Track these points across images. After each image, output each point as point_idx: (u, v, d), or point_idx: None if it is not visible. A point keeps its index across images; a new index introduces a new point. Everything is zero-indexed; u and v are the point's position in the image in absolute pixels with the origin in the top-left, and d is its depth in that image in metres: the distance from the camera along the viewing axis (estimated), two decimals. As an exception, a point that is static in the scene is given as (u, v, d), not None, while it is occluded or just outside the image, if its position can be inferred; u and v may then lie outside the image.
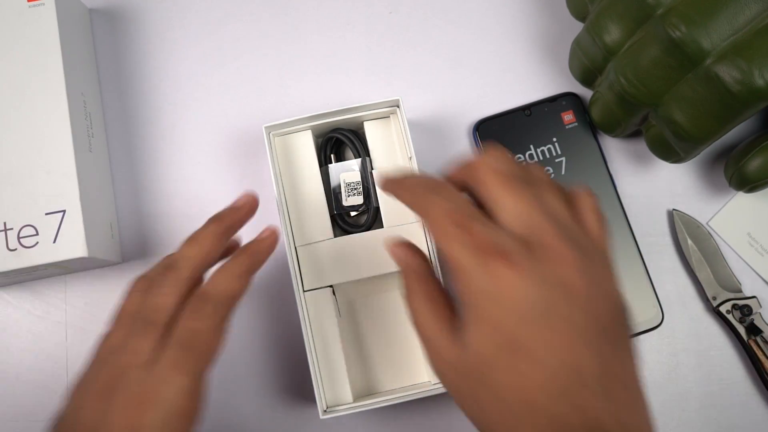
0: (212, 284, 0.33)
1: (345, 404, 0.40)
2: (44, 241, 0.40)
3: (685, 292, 0.46)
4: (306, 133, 0.44)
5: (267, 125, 0.42)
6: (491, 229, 0.28)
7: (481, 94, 0.48)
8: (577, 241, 0.28)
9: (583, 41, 0.43)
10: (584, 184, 0.33)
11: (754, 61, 0.35)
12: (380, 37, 0.49)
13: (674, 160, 0.43)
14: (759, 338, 0.43)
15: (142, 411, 0.30)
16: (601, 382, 0.26)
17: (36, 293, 0.46)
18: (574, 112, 0.47)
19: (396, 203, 0.32)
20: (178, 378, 0.30)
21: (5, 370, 0.45)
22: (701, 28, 0.36)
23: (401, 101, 0.42)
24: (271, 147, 0.43)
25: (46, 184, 0.40)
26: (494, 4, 0.49)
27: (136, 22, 0.49)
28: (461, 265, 0.28)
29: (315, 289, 0.41)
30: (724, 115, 0.37)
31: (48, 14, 0.42)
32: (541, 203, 0.29)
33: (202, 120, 0.48)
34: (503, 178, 0.29)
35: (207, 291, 0.33)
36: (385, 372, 0.43)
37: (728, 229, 0.46)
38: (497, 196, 0.29)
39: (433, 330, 0.30)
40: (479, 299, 0.27)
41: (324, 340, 0.41)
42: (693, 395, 0.44)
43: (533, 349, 0.26)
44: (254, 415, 0.44)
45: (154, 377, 0.30)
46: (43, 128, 0.41)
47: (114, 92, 0.48)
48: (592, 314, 0.27)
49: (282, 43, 0.49)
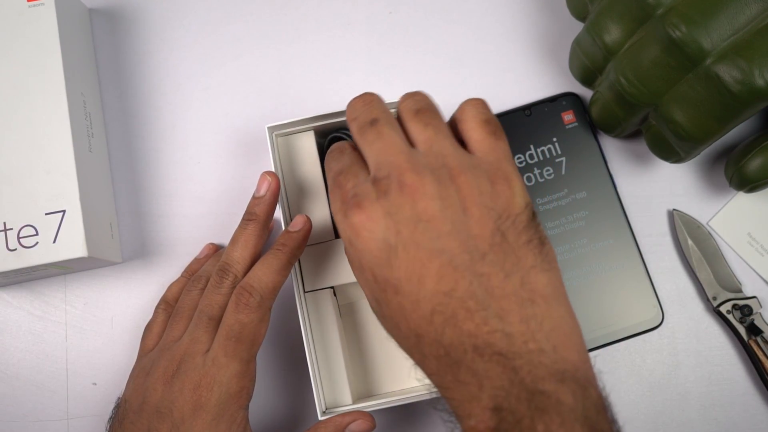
0: (256, 279, 0.36)
1: (344, 406, 0.40)
2: (44, 241, 0.40)
3: (685, 292, 0.46)
4: (308, 133, 0.44)
5: (270, 125, 0.42)
6: (358, 182, 0.29)
7: (481, 94, 0.48)
8: (435, 170, 0.28)
9: (583, 41, 0.43)
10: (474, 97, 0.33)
11: (754, 61, 0.35)
12: (380, 36, 0.49)
13: (674, 160, 0.43)
14: (759, 338, 0.43)
15: (203, 392, 0.34)
16: (487, 303, 0.26)
17: (35, 293, 0.46)
18: (574, 112, 0.47)
19: None
20: (231, 364, 0.35)
21: (5, 370, 0.45)
22: (701, 28, 0.36)
23: None
24: (274, 147, 0.43)
25: (46, 184, 0.40)
26: (494, 4, 0.49)
27: (136, 22, 0.49)
28: (336, 221, 0.30)
29: (316, 290, 0.41)
30: (725, 115, 0.37)
31: (48, 14, 0.42)
32: (403, 142, 0.30)
33: (202, 120, 0.48)
34: (393, 120, 0.32)
35: (252, 285, 0.36)
36: (385, 374, 0.43)
37: (728, 229, 0.46)
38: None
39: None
40: (348, 250, 0.30)
41: (324, 341, 0.41)
42: (693, 395, 0.44)
43: (399, 285, 0.27)
44: (253, 414, 0.44)
45: (212, 363, 0.35)
46: (43, 128, 0.41)
47: (114, 92, 0.48)
48: (461, 238, 0.27)
49: (282, 42, 0.49)
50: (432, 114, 0.31)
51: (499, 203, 0.29)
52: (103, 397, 0.45)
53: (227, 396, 0.35)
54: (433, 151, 0.29)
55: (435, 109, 0.32)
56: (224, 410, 0.35)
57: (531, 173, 0.46)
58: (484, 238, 0.27)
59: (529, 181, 0.46)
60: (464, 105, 0.32)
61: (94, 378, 0.45)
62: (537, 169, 0.46)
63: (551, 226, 0.45)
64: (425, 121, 0.31)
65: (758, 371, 0.44)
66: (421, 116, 0.31)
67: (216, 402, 0.35)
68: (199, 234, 0.46)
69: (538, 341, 0.26)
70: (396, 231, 0.27)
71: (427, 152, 0.29)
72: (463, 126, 0.32)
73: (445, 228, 0.27)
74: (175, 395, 0.35)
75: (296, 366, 0.45)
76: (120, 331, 0.45)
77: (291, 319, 0.44)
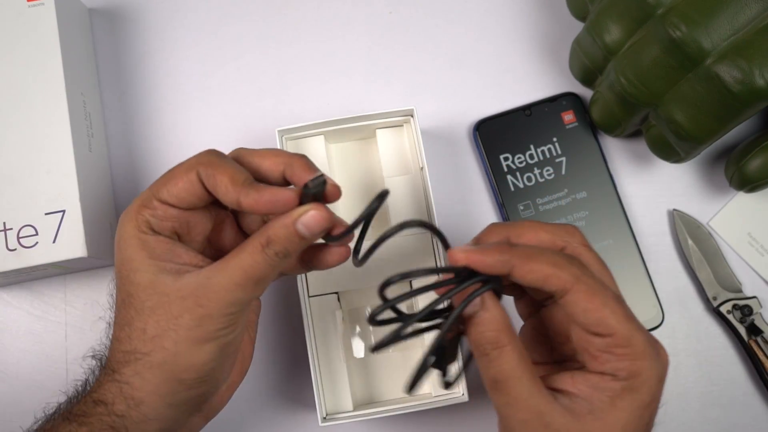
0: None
1: (345, 412, 0.40)
2: (44, 241, 0.40)
3: (685, 292, 0.46)
4: (318, 138, 0.43)
5: (280, 129, 0.42)
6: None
7: (481, 94, 0.48)
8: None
9: (583, 41, 0.43)
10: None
11: (754, 61, 0.35)
12: (380, 37, 0.49)
13: (674, 160, 0.43)
14: (759, 338, 0.43)
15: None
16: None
17: (35, 293, 0.46)
18: (574, 112, 0.47)
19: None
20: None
21: (5, 370, 0.45)
22: (702, 27, 0.36)
23: (415, 111, 0.42)
24: None
25: (45, 184, 0.40)
26: (494, 4, 0.49)
27: (136, 22, 0.49)
28: (649, 360, 0.29)
29: (320, 295, 0.41)
30: (725, 115, 0.37)
31: (48, 14, 0.42)
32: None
33: (202, 120, 0.48)
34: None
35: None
36: (387, 381, 0.43)
37: (728, 229, 0.46)
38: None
39: (541, 401, 0.29)
40: (651, 382, 0.29)
41: (327, 346, 0.41)
42: (693, 395, 0.44)
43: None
44: (254, 418, 0.44)
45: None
46: (43, 128, 0.41)
47: (114, 92, 0.48)
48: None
49: (282, 42, 0.49)
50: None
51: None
52: (103, 397, 0.44)
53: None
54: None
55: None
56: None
57: (531, 173, 0.46)
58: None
59: (529, 181, 0.46)
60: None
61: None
62: (537, 169, 0.46)
63: (551, 226, 0.45)
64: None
65: (758, 371, 0.44)
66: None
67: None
68: (199, 234, 0.46)
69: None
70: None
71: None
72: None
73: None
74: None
75: (298, 370, 0.45)
76: (120, 331, 0.45)
77: (295, 324, 0.44)
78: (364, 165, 0.45)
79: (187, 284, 0.31)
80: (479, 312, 0.29)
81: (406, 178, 0.43)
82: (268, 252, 0.31)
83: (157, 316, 0.31)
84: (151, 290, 0.31)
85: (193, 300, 0.31)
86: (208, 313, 0.31)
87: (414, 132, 0.42)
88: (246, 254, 0.31)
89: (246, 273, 0.31)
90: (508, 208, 0.46)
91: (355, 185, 0.45)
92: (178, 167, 0.33)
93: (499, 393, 0.29)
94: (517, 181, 0.46)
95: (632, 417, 0.29)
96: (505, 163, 0.46)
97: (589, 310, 0.29)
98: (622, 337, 0.29)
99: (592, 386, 0.29)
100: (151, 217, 0.32)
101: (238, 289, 0.31)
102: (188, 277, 0.31)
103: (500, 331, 0.29)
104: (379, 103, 0.48)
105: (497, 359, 0.29)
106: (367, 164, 0.45)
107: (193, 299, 0.31)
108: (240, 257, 0.31)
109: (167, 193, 0.32)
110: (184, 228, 0.34)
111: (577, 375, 0.30)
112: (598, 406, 0.29)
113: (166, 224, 0.33)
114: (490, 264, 0.29)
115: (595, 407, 0.29)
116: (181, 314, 0.31)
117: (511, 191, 0.46)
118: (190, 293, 0.31)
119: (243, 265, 0.31)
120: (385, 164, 0.44)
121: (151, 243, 0.32)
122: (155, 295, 0.31)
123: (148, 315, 0.31)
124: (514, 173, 0.46)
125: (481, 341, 0.29)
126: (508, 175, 0.46)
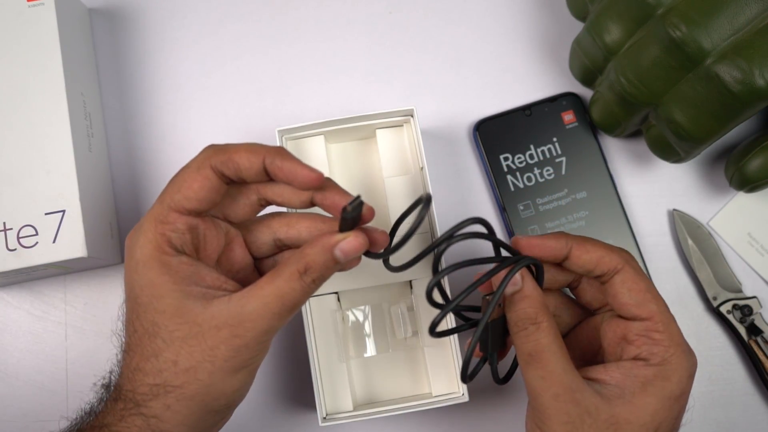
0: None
1: (345, 412, 0.40)
2: (44, 241, 0.40)
3: (685, 292, 0.46)
4: (319, 138, 0.43)
5: (280, 129, 0.42)
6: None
7: (481, 94, 0.48)
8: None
9: (583, 41, 0.43)
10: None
11: (754, 61, 0.35)
12: (380, 37, 0.49)
13: (674, 160, 0.43)
14: (759, 338, 0.43)
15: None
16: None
17: (35, 293, 0.46)
18: (574, 112, 0.47)
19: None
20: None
21: (5, 370, 0.45)
22: (702, 27, 0.36)
23: (415, 111, 0.42)
24: None
25: (45, 184, 0.40)
26: (494, 4, 0.49)
27: (136, 22, 0.49)
28: (678, 338, 0.31)
29: (320, 294, 0.41)
30: (725, 115, 0.37)
31: (48, 14, 0.42)
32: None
33: (202, 120, 0.48)
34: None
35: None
36: (387, 381, 0.43)
37: (728, 229, 0.46)
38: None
39: (574, 378, 0.30)
40: (682, 373, 0.31)
41: (327, 346, 0.41)
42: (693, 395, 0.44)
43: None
44: (254, 418, 0.44)
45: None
46: (43, 128, 0.41)
47: (114, 92, 0.48)
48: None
49: (282, 42, 0.49)
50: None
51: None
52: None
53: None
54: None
55: None
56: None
57: (531, 173, 0.46)
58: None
59: (529, 181, 0.46)
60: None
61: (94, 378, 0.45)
62: (537, 169, 0.46)
63: (551, 226, 0.45)
64: None
65: (758, 371, 0.44)
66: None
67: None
68: (199, 234, 0.46)
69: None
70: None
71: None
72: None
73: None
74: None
75: (298, 370, 0.45)
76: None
77: (295, 324, 0.44)
78: (364, 165, 0.45)
79: (219, 313, 0.30)
80: (519, 291, 0.31)
81: (406, 178, 0.43)
82: (306, 279, 0.30)
83: (190, 347, 0.30)
84: (179, 319, 0.30)
85: (229, 330, 0.30)
86: (245, 343, 0.30)
87: (414, 132, 0.42)
88: (282, 281, 0.30)
89: (283, 301, 0.30)
90: (508, 208, 0.46)
91: (355, 185, 0.45)
92: (185, 172, 0.32)
93: (535, 366, 0.30)
94: (517, 181, 0.46)
95: (661, 405, 0.30)
96: (505, 163, 0.46)
97: (634, 290, 0.31)
98: (661, 321, 0.31)
99: (625, 373, 0.30)
100: (172, 232, 0.31)
101: (275, 318, 0.30)
102: (219, 305, 0.30)
103: (538, 308, 0.31)
104: (379, 103, 0.48)
105: (535, 333, 0.31)
106: (367, 164, 0.45)
107: (228, 329, 0.30)
108: (276, 284, 0.30)
109: (184, 199, 0.31)
110: (202, 242, 0.32)
111: (610, 365, 0.31)
112: (629, 390, 0.30)
113: (186, 238, 0.31)
114: (551, 246, 0.32)
115: (626, 392, 0.30)
116: (217, 345, 0.30)
117: (511, 191, 0.46)
118: (225, 323, 0.30)
119: (280, 292, 0.30)
120: (385, 164, 0.44)
121: (174, 265, 0.30)
122: (185, 325, 0.30)
123: (179, 346, 0.30)
124: (514, 173, 0.46)
125: (521, 316, 0.31)
126: (508, 175, 0.46)
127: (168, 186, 0.32)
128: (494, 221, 0.46)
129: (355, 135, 0.45)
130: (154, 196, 0.47)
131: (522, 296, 0.31)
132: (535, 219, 0.45)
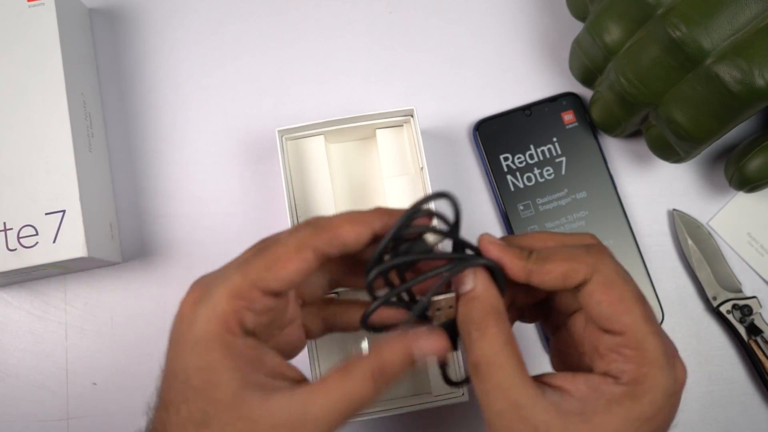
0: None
1: None
2: (44, 241, 0.40)
3: (685, 292, 0.46)
4: (318, 138, 0.44)
5: (280, 129, 0.42)
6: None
7: (481, 94, 0.48)
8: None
9: (583, 41, 0.43)
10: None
11: (754, 61, 0.35)
12: (380, 37, 0.49)
13: (674, 160, 0.43)
14: (759, 338, 0.43)
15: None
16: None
17: (35, 293, 0.46)
18: (574, 112, 0.47)
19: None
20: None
21: (5, 370, 0.45)
22: (701, 27, 0.36)
23: (415, 111, 0.42)
24: (284, 151, 0.42)
25: (46, 184, 0.40)
26: (494, 4, 0.49)
27: (136, 22, 0.49)
28: (663, 371, 0.27)
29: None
30: (725, 115, 0.37)
31: (48, 14, 0.42)
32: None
33: (202, 120, 0.48)
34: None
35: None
36: None
37: (728, 229, 0.46)
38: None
39: (522, 393, 0.27)
40: (656, 393, 0.27)
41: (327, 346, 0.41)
42: (693, 395, 0.44)
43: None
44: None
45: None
46: (43, 128, 0.41)
47: (114, 92, 0.48)
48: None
49: (282, 42, 0.49)
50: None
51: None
52: (103, 397, 0.44)
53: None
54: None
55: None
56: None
57: (531, 173, 0.46)
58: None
59: (529, 181, 0.46)
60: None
61: (94, 378, 0.45)
62: (537, 169, 0.46)
63: (551, 226, 0.45)
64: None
65: (758, 371, 0.44)
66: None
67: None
68: (199, 234, 0.46)
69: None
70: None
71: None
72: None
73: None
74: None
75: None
76: (120, 331, 0.45)
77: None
78: (364, 165, 0.45)
79: (279, 410, 0.26)
80: (469, 292, 0.28)
81: (406, 178, 0.43)
82: (379, 381, 0.27)
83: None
84: (234, 413, 0.26)
85: (288, 431, 0.26)
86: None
87: (414, 132, 0.42)
88: (354, 384, 0.27)
89: (353, 405, 0.27)
90: (508, 208, 0.46)
91: (355, 185, 0.45)
92: (280, 247, 0.28)
93: (478, 379, 0.27)
94: (517, 181, 0.46)
95: (626, 427, 0.26)
96: (505, 163, 0.46)
97: (602, 302, 0.27)
98: (633, 338, 0.27)
99: (592, 387, 0.27)
100: (248, 311, 0.27)
101: (340, 421, 0.27)
102: (279, 400, 0.26)
103: (486, 312, 0.27)
104: (379, 103, 0.48)
105: (479, 341, 0.27)
106: (367, 164, 0.45)
107: (287, 430, 0.26)
108: (346, 386, 0.27)
109: (274, 280, 0.27)
110: (274, 324, 0.29)
111: (579, 375, 0.28)
112: (590, 408, 0.27)
113: (261, 320, 0.28)
114: (509, 261, 0.28)
115: (588, 409, 0.27)
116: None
117: (511, 191, 0.46)
118: (284, 424, 0.26)
119: (350, 396, 0.26)
120: (385, 164, 0.44)
121: (239, 348, 0.27)
122: (240, 421, 0.26)
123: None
124: (514, 173, 0.46)
125: (466, 321, 0.28)
126: (508, 175, 0.46)
127: (255, 257, 0.28)
128: (494, 221, 0.46)
129: (355, 135, 0.45)
130: (154, 196, 0.47)
131: (470, 298, 0.28)
132: (535, 219, 0.45)
